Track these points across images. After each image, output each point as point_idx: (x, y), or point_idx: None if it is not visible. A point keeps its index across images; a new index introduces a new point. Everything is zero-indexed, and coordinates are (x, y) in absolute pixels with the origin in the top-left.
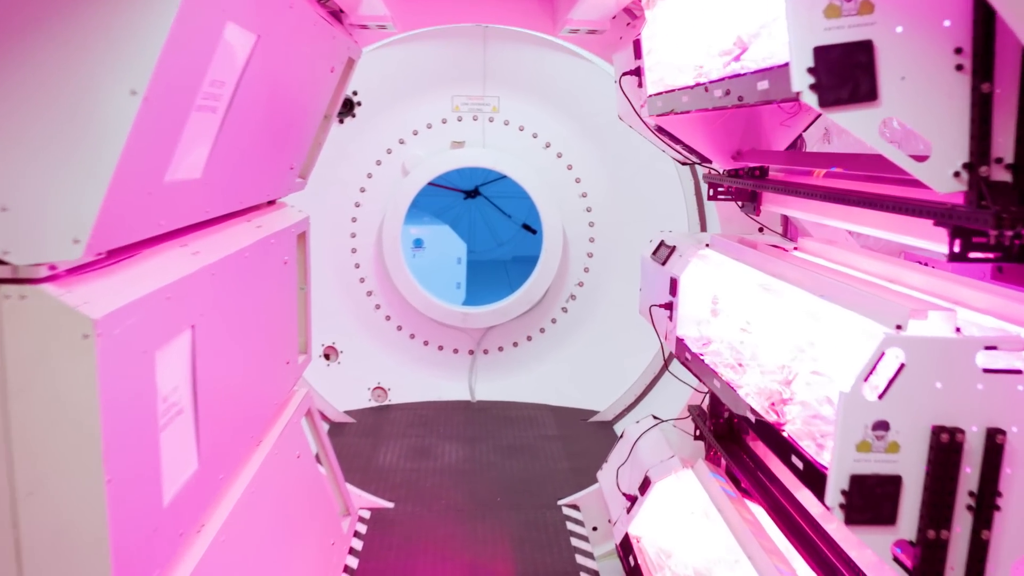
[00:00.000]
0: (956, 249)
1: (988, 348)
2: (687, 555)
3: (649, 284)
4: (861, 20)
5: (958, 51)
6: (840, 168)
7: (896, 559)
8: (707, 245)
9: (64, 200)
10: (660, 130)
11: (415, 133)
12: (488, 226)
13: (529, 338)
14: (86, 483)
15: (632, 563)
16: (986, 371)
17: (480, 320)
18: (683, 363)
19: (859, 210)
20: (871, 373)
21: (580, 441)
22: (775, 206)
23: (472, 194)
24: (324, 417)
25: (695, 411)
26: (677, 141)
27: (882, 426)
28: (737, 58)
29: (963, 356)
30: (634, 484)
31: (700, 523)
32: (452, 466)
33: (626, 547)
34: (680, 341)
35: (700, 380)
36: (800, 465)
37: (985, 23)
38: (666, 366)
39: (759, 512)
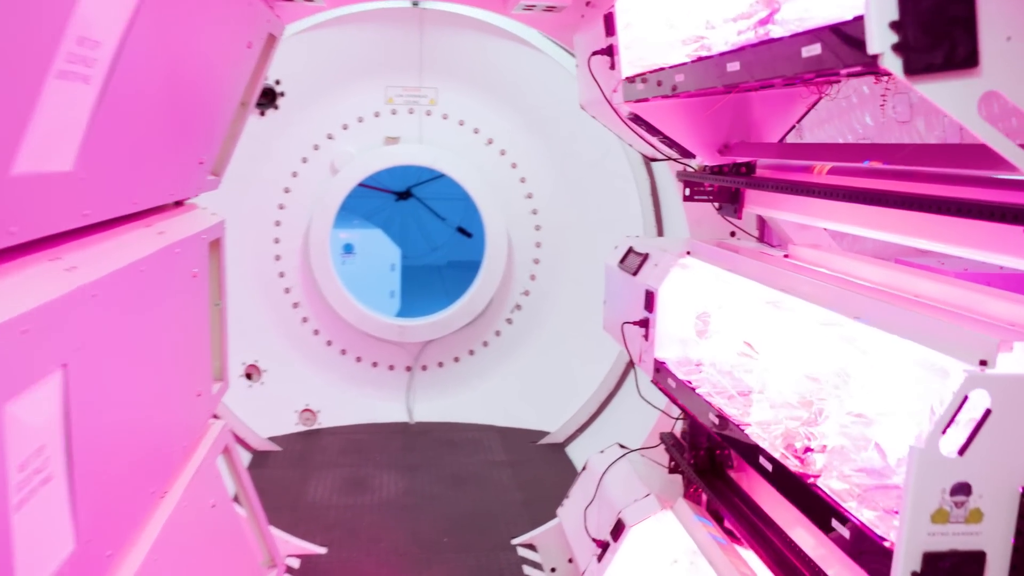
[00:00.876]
0: None
1: None
2: None
3: (616, 297)
4: None
5: None
6: (877, 162)
7: None
8: (687, 253)
9: None
10: (635, 119)
11: (345, 128)
12: (421, 230)
13: (471, 352)
14: None
15: None
16: None
17: (418, 333)
18: (663, 391)
19: (881, 213)
20: (951, 423)
21: (531, 467)
22: (761, 207)
23: (404, 195)
24: (245, 445)
25: (668, 440)
26: (655, 132)
27: (963, 490)
28: (766, 20)
29: None
30: (604, 527)
31: (685, 573)
32: (392, 500)
33: None
34: (660, 365)
35: (687, 413)
36: (846, 534)
37: None
38: (641, 395)
39: (752, 559)
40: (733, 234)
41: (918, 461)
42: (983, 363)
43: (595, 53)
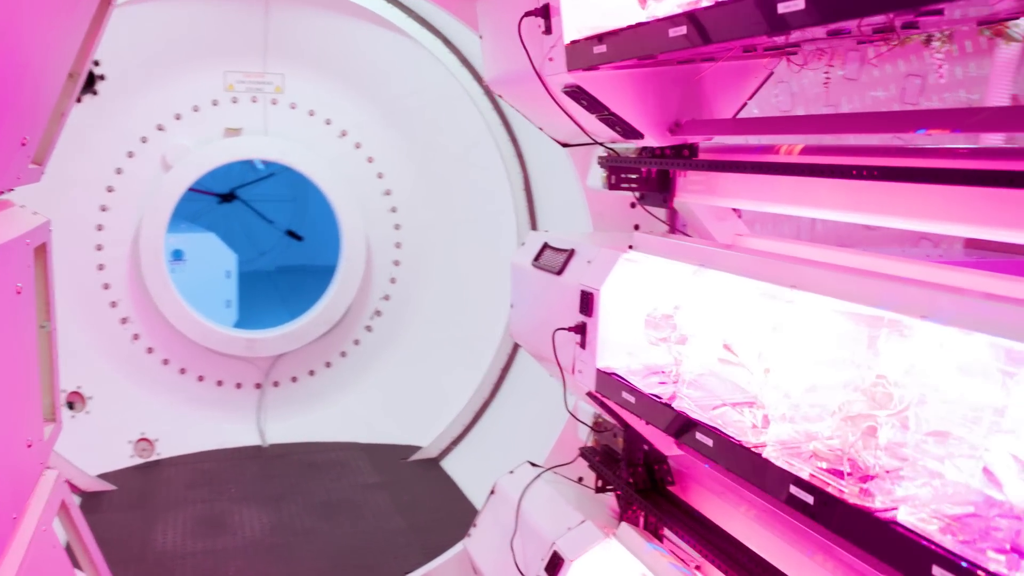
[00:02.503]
0: None
1: None
2: None
3: (531, 300)
4: None
5: None
6: (935, 130)
7: None
8: (630, 247)
9: None
10: (575, 92)
11: (178, 118)
12: (247, 234)
13: (328, 364)
14: None
15: None
16: None
17: (269, 347)
18: (612, 404)
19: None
20: None
21: (408, 488)
22: (702, 196)
23: (228, 198)
24: (72, 487)
25: (593, 456)
26: (597, 108)
27: None
28: None
29: None
30: (531, 559)
31: None
32: (258, 541)
33: None
34: (607, 375)
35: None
36: None
37: None
38: (569, 410)
39: None
40: (637, 227)
41: None
42: None
43: (528, 14)
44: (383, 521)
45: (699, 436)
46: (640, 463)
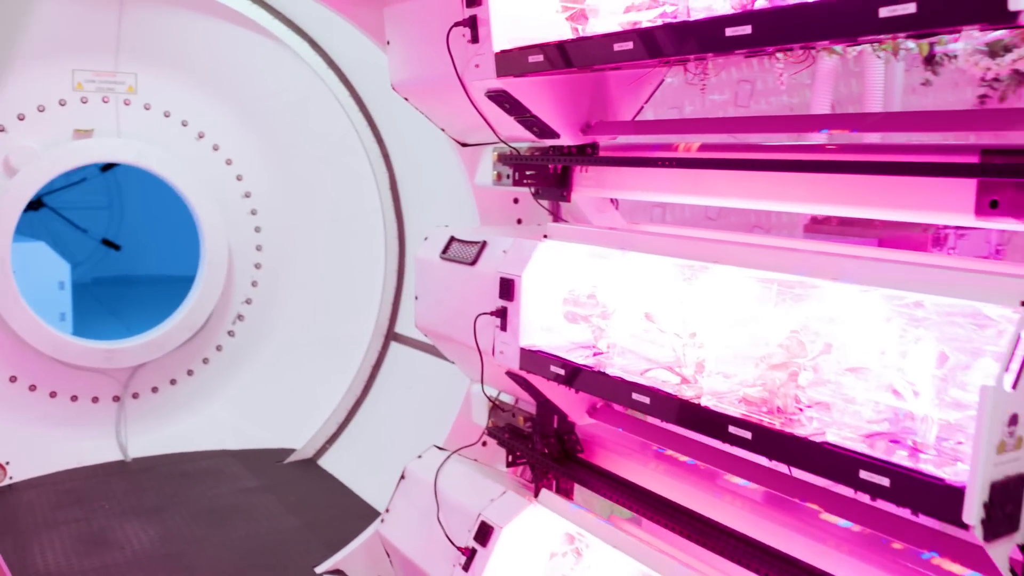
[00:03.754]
0: None
1: None
2: None
3: (441, 291)
4: None
5: None
6: (836, 130)
7: (1013, 569)
8: (545, 236)
9: None
10: (501, 96)
11: (22, 118)
12: (57, 244)
13: (191, 372)
14: None
15: None
16: None
17: (129, 357)
18: (533, 379)
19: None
20: (1009, 362)
21: (292, 488)
22: (599, 189)
23: (34, 206)
24: None
25: (503, 433)
26: (519, 111)
27: (1014, 420)
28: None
29: None
30: (457, 533)
31: (571, 565)
32: (150, 552)
33: None
34: (532, 352)
35: (541, 399)
36: (884, 481)
37: None
38: (486, 393)
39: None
40: (520, 221)
41: (991, 398)
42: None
43: (457, 24)
44: (276, 521)
45: (636, 396)
46: (552, 434)
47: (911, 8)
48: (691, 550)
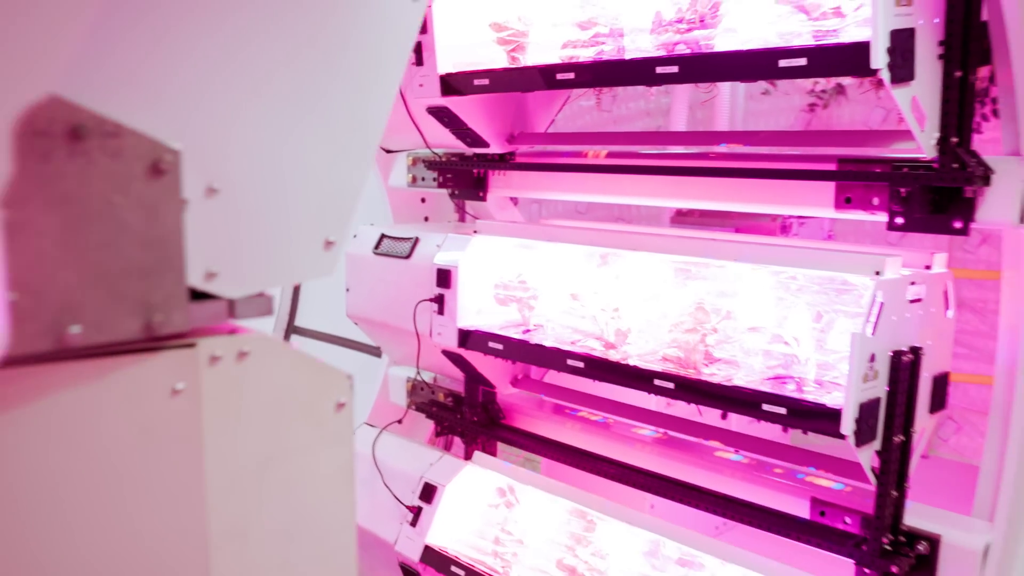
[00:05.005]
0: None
1: (912, 284)
2: (532, 543)
3: (374, 283)
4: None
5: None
6: (731, 144)
7: (872, 468)
8: (475, 232)
9: None
10: (441, 112)
11: None
12: None
13: None
14: None
15: (461, 573)
16: (911, 302)
17: None
18: (469, 355)
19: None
20: (869, 315)
21: None
22: (512, 189)
23: None
24: None
25: (430, 408)
26: (455, 124)
27: (872, 359)
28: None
29: (903, 292)
30: (401, 496)
31: (505, 514)
32: None
33: (433, 559)
34: (470, 332)
35: (473, 373)
36: (781, 410)
37: None
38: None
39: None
40: (427, 218)
41: (859, 342)
42: (877, 273)
43: None
44: None
45: (571, 362)
46: (479, 404)
47: (803, 61)
48: (607, 492)
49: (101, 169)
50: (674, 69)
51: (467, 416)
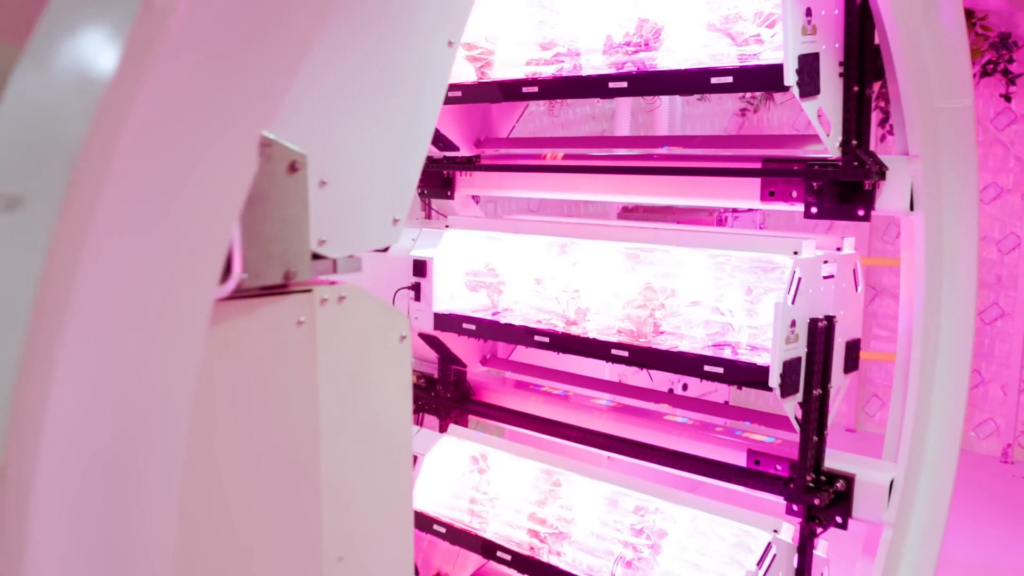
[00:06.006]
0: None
1: (825, 262)
2: (506, 501)
3: (355, 274)
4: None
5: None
6: (672, 147)
7: (796, 418)
8: (447, 226)
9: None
10: None
11: None
12: None
13: None
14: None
15: (442, 530)
16: (825, 278)
17: None
18: (445, 337)
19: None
20: (789, 288)
21: None
22: (479, 188)
23: None
24: None
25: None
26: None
27: (793, 324)
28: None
29: (818, 269)
30: None
31: (477, 479)
32: None
33: (416, 521)
34: (445, 316)
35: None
36: (720, 370)
37: None
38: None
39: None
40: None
41: (781, 310)
42: (796, 253)
43: None
44: None
45: (537, 338)
46: (452, 383)
47: (730, 79)
48: (569, 456)
49: (262, 168)
50: (624, 84)
51: (440, 394)
